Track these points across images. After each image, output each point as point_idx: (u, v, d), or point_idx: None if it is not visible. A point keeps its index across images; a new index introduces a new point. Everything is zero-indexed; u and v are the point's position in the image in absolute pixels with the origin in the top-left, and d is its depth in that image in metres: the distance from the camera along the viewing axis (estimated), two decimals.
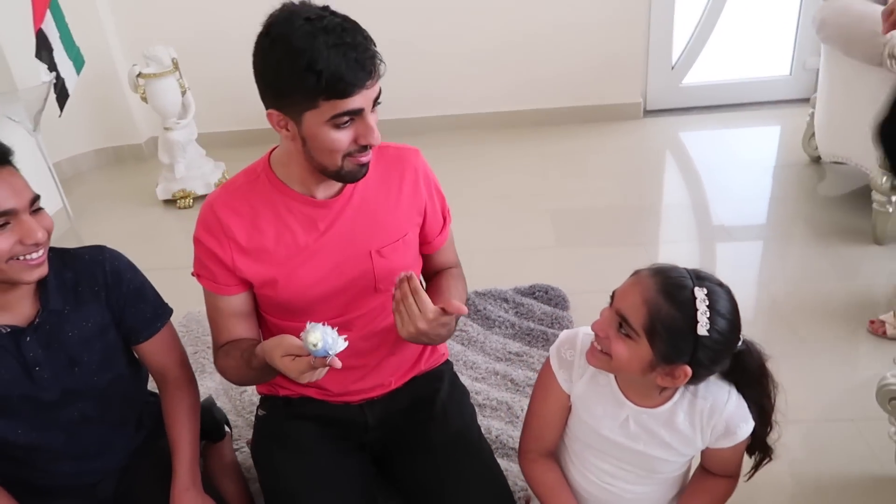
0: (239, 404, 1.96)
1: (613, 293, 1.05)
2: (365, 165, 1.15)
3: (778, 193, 2.97)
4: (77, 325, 1.26)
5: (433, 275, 1.42)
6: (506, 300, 2.22)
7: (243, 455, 1.74)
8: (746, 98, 3.81)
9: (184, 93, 3.25)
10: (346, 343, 1.00)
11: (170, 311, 1.40)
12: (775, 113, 3.71)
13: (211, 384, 2.03)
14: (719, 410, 1.08)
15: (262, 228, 1.22)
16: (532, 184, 3.24)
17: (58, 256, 1.28)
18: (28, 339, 1.20)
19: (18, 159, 1.15)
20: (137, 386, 1.44)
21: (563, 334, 1.21)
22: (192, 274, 1.28)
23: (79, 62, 2.91)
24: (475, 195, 3.13)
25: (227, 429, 1.71)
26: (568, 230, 2.79)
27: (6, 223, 1.09)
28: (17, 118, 2.66)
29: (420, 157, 1.32)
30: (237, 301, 1.27)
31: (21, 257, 1.11)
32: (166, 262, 2.76)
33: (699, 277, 1.00)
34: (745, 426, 1.09)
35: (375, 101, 1.10)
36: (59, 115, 2.88)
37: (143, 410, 1.44)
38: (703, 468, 1.23)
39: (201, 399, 1.85)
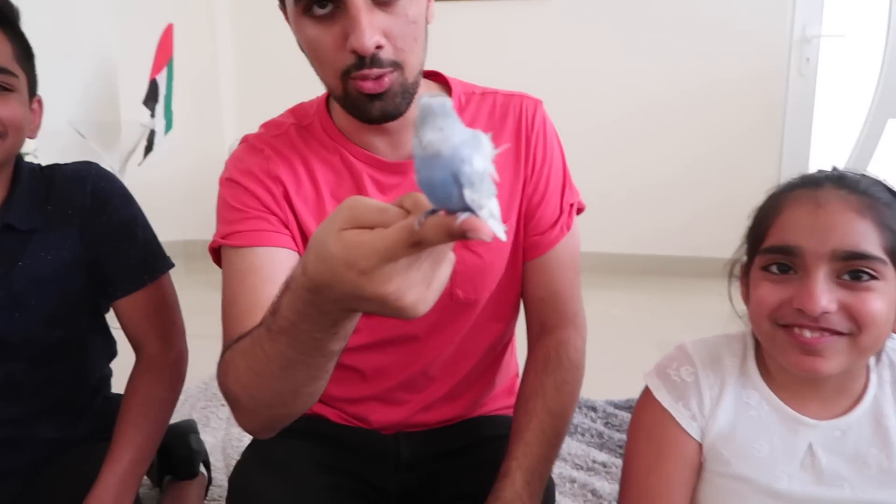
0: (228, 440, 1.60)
1: (760, 246, 0.72)
2: (377, 98, 0.76)
3: None
4: (33, 256, 0.95)
5: (534, 311, 0.94)
6: (594, 409, 1.74)
7: None
8: None
9: None
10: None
11: (166, 266, 1.07)
12: None
13: (211, 440, 1.61)
14: None
15: (319, 188, 0.86)
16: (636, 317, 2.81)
17: (43, 170, 1.02)
18: None
19: None
20: (95, 366, 1.08)
21: (663, 358, 0.81)
22: (210, 248, 0.87)
23: (169, 124, 3.02)
24: None
25: (202, 470, 1.28)
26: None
27: None
28: (110, 158, 2.62)
29: (540, 107, 0.93)
30: (283, 256, 0.82)
31: None
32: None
33: (839, 173, 0.73)
34: None
35: None
36: (140, 164, 2.90)
37: (92, 404, 1.07)
38: None
39: (184, 419, 1.38)
